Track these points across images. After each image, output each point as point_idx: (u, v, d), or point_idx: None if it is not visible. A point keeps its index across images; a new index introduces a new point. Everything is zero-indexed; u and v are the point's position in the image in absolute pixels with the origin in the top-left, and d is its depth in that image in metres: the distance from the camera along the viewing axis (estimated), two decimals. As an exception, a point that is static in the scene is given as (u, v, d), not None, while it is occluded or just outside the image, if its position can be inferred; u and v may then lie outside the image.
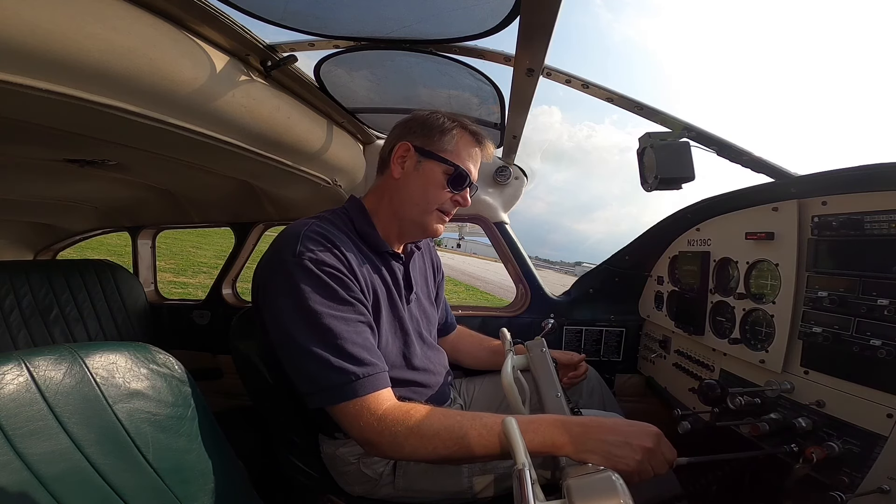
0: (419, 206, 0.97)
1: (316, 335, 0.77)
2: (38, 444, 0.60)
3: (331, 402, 0.77)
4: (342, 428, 0.80)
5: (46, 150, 1.17)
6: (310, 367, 0.77)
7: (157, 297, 2.32)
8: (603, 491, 0.54)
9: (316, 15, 0.88)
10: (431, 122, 0.97)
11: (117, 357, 0.73)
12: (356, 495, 0.99)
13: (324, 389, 0.77)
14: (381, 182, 1.02)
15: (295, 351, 0.78)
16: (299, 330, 0.78)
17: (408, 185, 0.96)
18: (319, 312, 0.78)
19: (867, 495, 0.68)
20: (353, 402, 0.76)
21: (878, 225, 0.75)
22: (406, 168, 0.96)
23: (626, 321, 1.65)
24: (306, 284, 0.79)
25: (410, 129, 0.98)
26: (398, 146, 0.96)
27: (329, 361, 0.76)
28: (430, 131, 0.96)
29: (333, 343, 0.77)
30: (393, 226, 1.00)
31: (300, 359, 0.78)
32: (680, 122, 1.07)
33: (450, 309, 1.37)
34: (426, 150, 0.95)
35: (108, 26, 0.66)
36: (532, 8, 0.70)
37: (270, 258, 0.85)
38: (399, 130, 1.00)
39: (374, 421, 0.76)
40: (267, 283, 0.84)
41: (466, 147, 0.98)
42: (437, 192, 0.96)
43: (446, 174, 0.96)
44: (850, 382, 0.77)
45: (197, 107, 0.86)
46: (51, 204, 1.99)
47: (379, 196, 1.01)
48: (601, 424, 0.71)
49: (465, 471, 0.94)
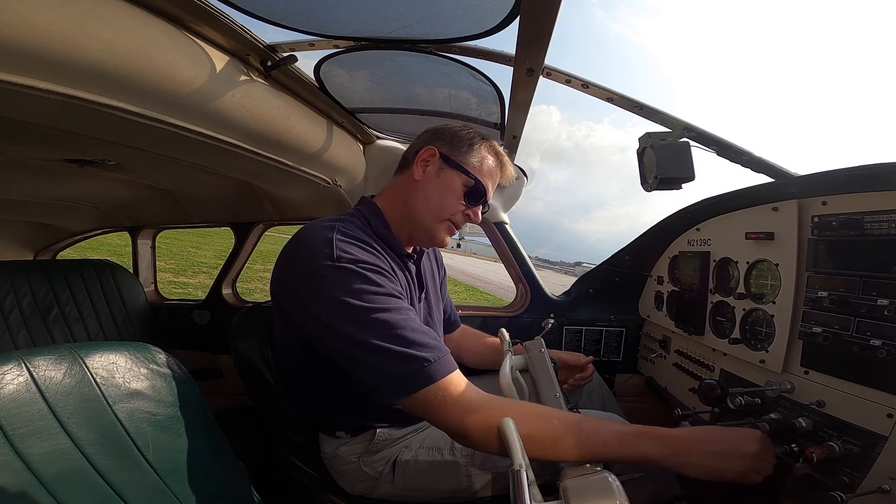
0: (433, 213, 0.97)
1: (375, 330, 0.75)
2: (38, 444, 0.60)
3: (407, 391, 0.74)
4: (429, 420, 0.77)
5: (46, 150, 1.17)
6: (377, 362, 0.74)
7: (157, 297, 2.32)
8: (599, 492, 0.54)
9: (316, 15, 0.88)
10: (462, 133, 0.99)
11: (117, 357, 0.73)
12: (356, 494, 0.99)
13: (396, 380, 0.74)
14: (399, 182, 1.01)
15: (356, 350, 0.76)
16: (356, 328, 0.75)
17: (426, 189, 0.97)
18: (372, 308, 0.76)
19: (867, 495, 0.67)
20: (431, 388, 0.73)
21: (878, 225, 0.75)
22: (427, 172, 0.97)
23: (626, 321, 1.65)
24: (352, 284, 0.77)
25: (440, 136, 0.99)
26: (424, 149, 0.97)
27: (395, 352, 0.74)
28: (459, 142, 0.98)
29: (394, 334, 0.75)
30: (405, 229, 1.00)
31: (364, 356, 0.75)
32: (680, 122, 1.07)
33: (453, 306, 1.37)
34: (451, 159, 0.96)
35: (108, 26, 0.66)
36: (532, 8, 0.70)
37: (300, 263, 0.82)
38: (428, 136, 1.01)
39: (461, 412, 0.73)
40: (301, 289, 0.81)
41: (489, 166, 1.00)
42: (453, 201, 0.97)
43: (465, 186, 0.97)
44: (850, 382, 0.77)
45: (197, 107, 0.86)
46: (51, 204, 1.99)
47: (394, 196, 1.01)
48: (703, 437, 0.73)
49: (464, 469, 0.94)
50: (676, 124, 1.08)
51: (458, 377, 0.77)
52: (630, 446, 0.70)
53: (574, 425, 0.71)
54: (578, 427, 0.71)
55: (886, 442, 0.69)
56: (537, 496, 0.53)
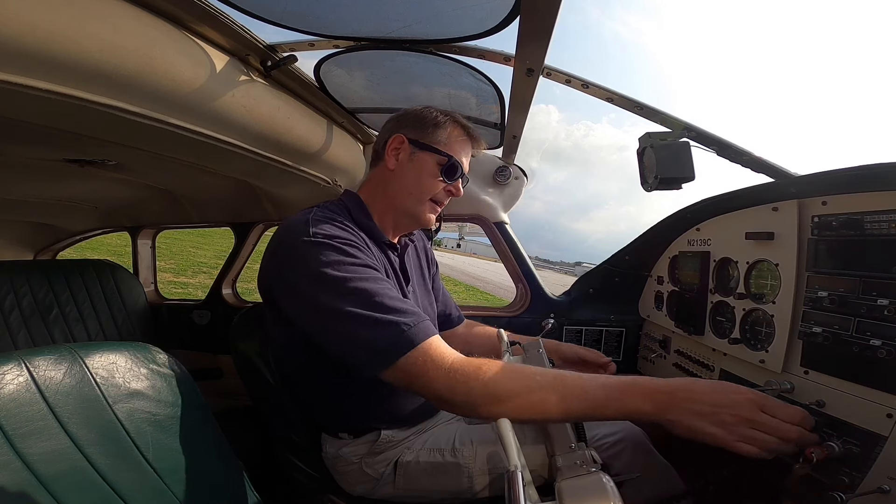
0: (413, 196, 0.99)
1: (352, 298, 0.75)
2: (38, 444, 0.60)
3: (389, 361, 0.73)
4: (413, 389, 0.74)
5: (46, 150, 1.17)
6: (357, 331, 0.74)
7: (157, 297, 2.32)
8: (593, 492, 0.54)
9: (316, 15, 0.88)
10: (425, 115, 1.00)
11: (117, 357, 0.73)
12: (356, 495, 0.99)
13: (378, 349, 0.73)
14: (375, 174, 1.03)
15: (335, 323, 0.75)
16: (334, 298, 0.75)
17: (402, 176, 0.99)
18: (348, 277, 0.77)
19: (867, 495, 0.67)
20: (412, 354, 0.72)
21: (878, 225, 0.75)
22: (400, 159, 0.98)
23: (626, 321, 1.65)
24: (327, 257, 0.78)
25: (404, 122, 1.00)
26: (392, 138, 0.98)
27: (375, 318, 0.74)
28: (424, 124, 0.99)
29: (372, 301, 0.75)
30: (388, 217, 1.02)
31: (344, 326, 0.75)
32: (680, 122, 1.07)
33: (453, 301, 1.36)
34: (420, 143, 0.98)
35: (108, 26, 0.66)
36: (532, 8, 0.70)
37: (279, 247, 0.85)
38: (392, 124, 1.02)
39: (442, 374, 0.71)
40: (283, 271, 0.82)
41: (458, 140, 1.01)
42: (431, 181, 0.99)
43: (440, 164, 0.98)
44: (850, 382, 0.77)
45: (197, 107, 0.86)
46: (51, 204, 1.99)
47: (373, 188, 1.02)
48: (690, 390, 0.67)
49: (465, 470, 0.94)
50: (676, 124, 1.08)
51: (439, 341, 0.76)
52: (616, 401, 0.68)
53: (558, 380, 0.70)
54: (563, 382, 0.70)
55: (886, 442, 0.69)
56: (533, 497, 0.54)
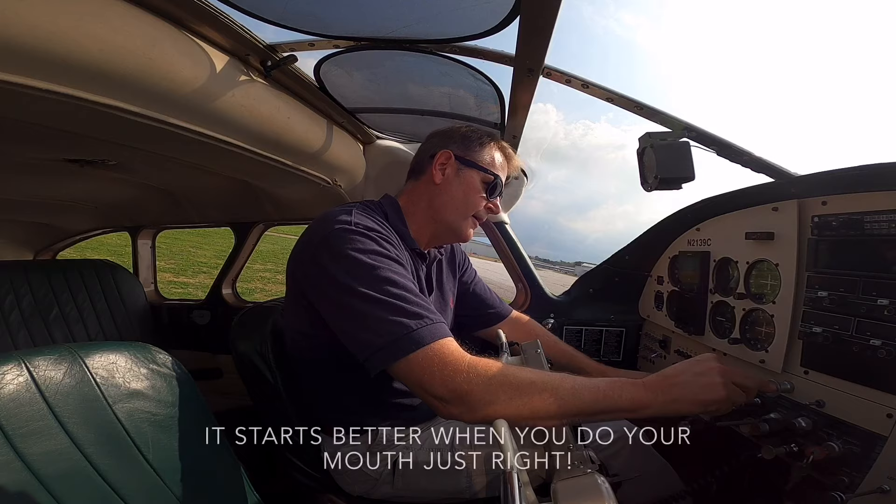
0: (459, 211, 1.03)
1: (375, 286, 0.76)
2: (38, 444, 0.60)
3: (404, 350, 0.71)
4: (424, 384, 0.72)
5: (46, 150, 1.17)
6: (380, 314, 0.73)
7: (157, 297, 2.32)
8: (588, 494, 0.54)
9: (316, 15, 0.88)
10: (470, 134, 1.05)
11: (117, 357, 0.73)
12: (356, 495, 0.99)
13: (395, 338, 0.72)
14: (418, 186, 1.05)
15: (359, 305, 0.75)
16: (358, 282, 0.76)
17: (449, 191, 1.02)
18: (380, 266, 0.78)
19: (867, 495, 0.67)
20: (430, 347, 0.71)
21: (878, 225, 0.75)
22: (447, 174, 1.02)
23: (626, 321, 1.65)
24: (362, 244, 0.80)
25: (450, 138, 1.04)
26: (440, 154, 1.02)
27: (397, 307, 0.74)
28: (470, 142, 1.03)
29: (397, 292, 0.76)
30: (427, 228, 1.04)
31: (367, 308, 0.74)
32: (680, 122, 1.07)
33: (495, 295, 1.37)
34: (466, 159, 1.02)
35: (108, 26, 0.66)
36: (532, 8, 0.70)
37: (315, 233, 0.86)
38: (438, 139, 1.05)
39: (463, 368, 0.70)
40: (316, 254, 0.82)
41: (499, 160, 1.07)
42: (476, 198, 1.03)
43: (484, 182, 1.03)
44: (850, 382, 0.77)
45: (197, 107, 0.86)
46: (51, 204, 1.99)
47: (415, 199, 1.04)
48: (674, 370, 0.74)
49: (464, 471, 0.94)
50: (676, 124, 1.08)
51: (452, 343, 0.75)
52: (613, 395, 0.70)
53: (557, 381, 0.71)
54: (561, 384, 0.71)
55: (886, 442, 0.69)
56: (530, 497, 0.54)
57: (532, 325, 1.38)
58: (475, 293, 1.31)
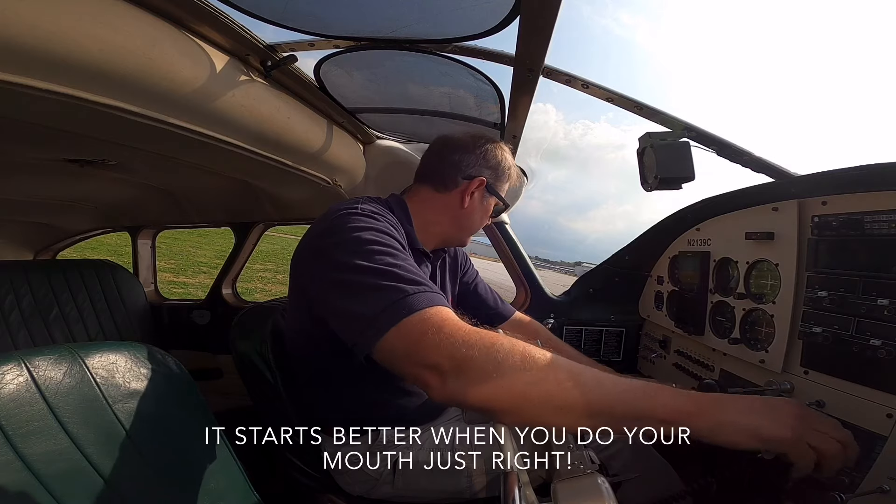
0: (470, 231, 1.09)
1: (376, 260, 0.70)
2: (38, 443, 0.60)
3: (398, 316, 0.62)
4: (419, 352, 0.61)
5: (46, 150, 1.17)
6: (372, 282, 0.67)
7: (156, 297, 2.32)
8: (589, 494, 0.54)
9: (316, 15, 0.88)
10: (502, 162, 1.06)
11: (117, 357, 0.73)
12: (356, 495, 0.99)
13: (390, 304, 0.63)
14: (439, 199, 1.02)
15: (354, 279, 0.69)
16: (360, 256, 0.71)
17: (472, 216, 1.05)
18: (381, 243, 0.74)
19: (867, 495, 0.67)
20: (427, 311, 0.62)
21: (878, 225, 0.75)
22: (474, 199, 1.03)
23: (626, 321, 1.65)
24: (366, 223, 0.78)
25: (485, 163, 1.03)
26: (475, 181, 1.00)
27: (394, 274, 0.67)
28: (501, 172, 1.06)
29: (392, 262, 0.70)
30: (435, 237, 1.06)
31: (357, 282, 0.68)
32: (680, 122, 1.07)
33: (498, 296, 1.38)
34: (493, 189, 1.05)
35: (108, 26, 0.66)
36: (532, 8, 0.70)
37: (322, 219, 0.84)
38: (472, 157, 1.02)
39: (464, 332, 0.60)
40: (320, 238, 0.80)
41: (513, 187, 1.13)
42: (486, 220, 1.09)
43: (496, 207, 1.09)
44: (850, 382, 0.77)
45: (197, 107, 0.86)
46: (51, 204, 1.99)
47: (428, 208, 1.03)
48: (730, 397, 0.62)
49: (464, 471, 0.94)
50: (676, 124, 1.08)
51: (450, 311, 0.66)
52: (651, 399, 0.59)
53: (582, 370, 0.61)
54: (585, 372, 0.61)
55: (886, 442, 0.69)
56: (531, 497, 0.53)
57: (535, 326, 1.38)
58: (476, 293, 1.32)
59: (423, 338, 0.61)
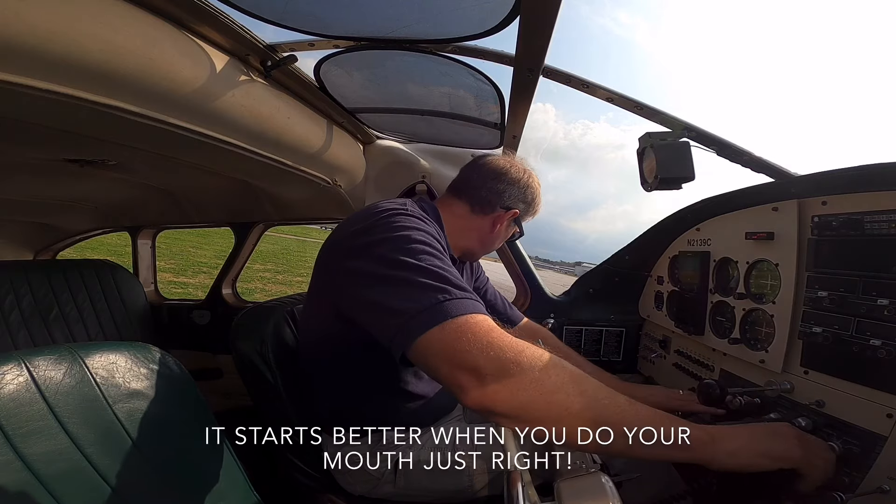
0: (488, 251, 1.17)
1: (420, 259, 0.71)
2: (38, 443, 0.60)
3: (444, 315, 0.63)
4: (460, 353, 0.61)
5: (46, 150, 1.17)
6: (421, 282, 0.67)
7: (157, 297, 2.32)
8: (593, 493, 0.54)
9: (316, 15, 0.88)
10: (536, 197, 1.13)
11: (117, 357, 0.73)
12: (357, 494, 0.99)
13: (438, 303, 0.64)
14: (475, 220, 1.08)
15: (397, 275, 0.69)
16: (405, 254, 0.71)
17: (496, 240, 1.13)
18: (427, 244, 0.75)
19: (867, 495, 0.67)
20: (473, 316, 0.63)
21: (878, 225, 0.75)
22: (502, 227, 1.10)
23: (626, 321, 1.65)
24: (416, 224, 0.80)
25: (523, 196, 1.10)
26: (511, 212, 1.08)
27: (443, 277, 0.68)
28: (533, 208, 1.14)
29: (441, 265, 0.71)
30: (457, 250, 1.11)
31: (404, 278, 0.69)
32: (680, 122, 1.07)
33: (507, 302, 1.40)
34: (520, 221, 1.13)
35: (108, 26, 0.66)
36: (532, 8, 0.70)
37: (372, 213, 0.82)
38: (516, 192, 1.08)
39: (510, 339, 0.62)
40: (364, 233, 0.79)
41: None
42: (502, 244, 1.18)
43: (514, 234, 1.17)
44: (850, 382, 0.77)
45: (197, 107, 0.86)
46: (51, 204, 1.99)
47: (464, 226, 1.08)
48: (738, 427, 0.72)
49: (466, 470, 0.94)
50: (676, 124, 1.08)
51: (489, 318, 0.66)
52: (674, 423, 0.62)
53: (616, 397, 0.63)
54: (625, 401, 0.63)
55: (886, 442, 0.69)
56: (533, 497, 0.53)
57: (543, 333, 1.38)
58: (486, 299, 1.32)
59: (468, 338, 0.61)
